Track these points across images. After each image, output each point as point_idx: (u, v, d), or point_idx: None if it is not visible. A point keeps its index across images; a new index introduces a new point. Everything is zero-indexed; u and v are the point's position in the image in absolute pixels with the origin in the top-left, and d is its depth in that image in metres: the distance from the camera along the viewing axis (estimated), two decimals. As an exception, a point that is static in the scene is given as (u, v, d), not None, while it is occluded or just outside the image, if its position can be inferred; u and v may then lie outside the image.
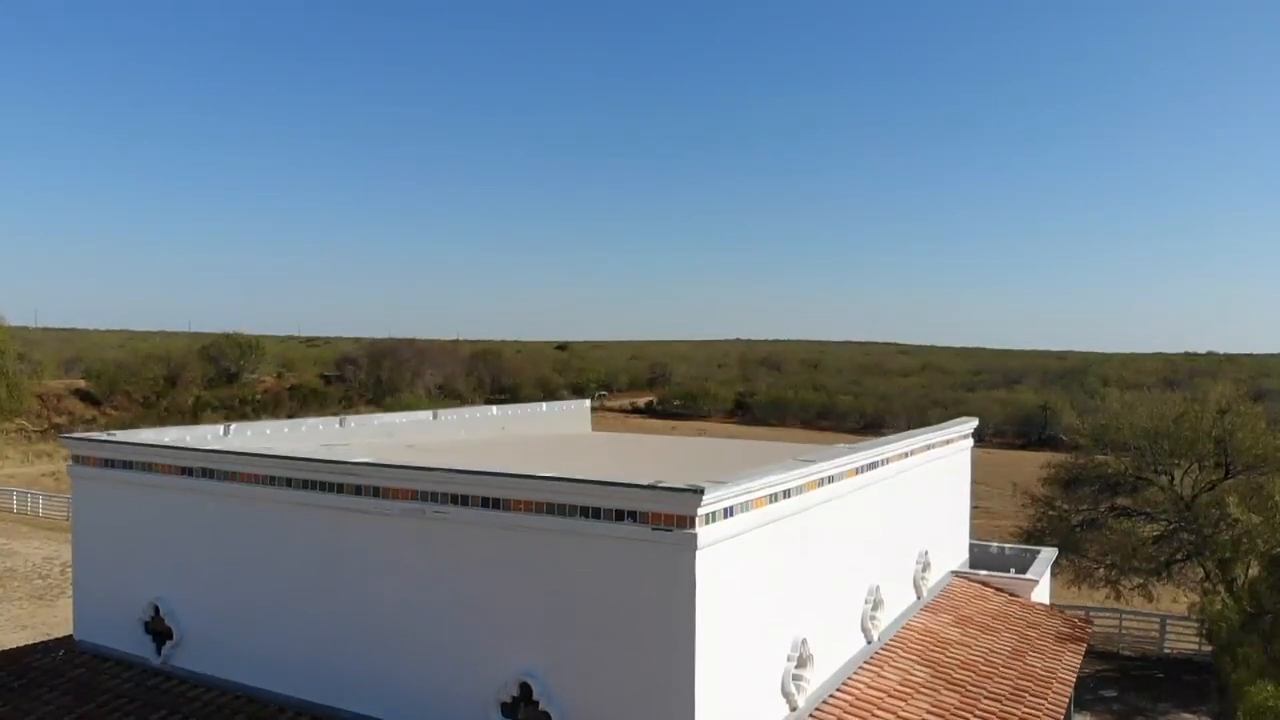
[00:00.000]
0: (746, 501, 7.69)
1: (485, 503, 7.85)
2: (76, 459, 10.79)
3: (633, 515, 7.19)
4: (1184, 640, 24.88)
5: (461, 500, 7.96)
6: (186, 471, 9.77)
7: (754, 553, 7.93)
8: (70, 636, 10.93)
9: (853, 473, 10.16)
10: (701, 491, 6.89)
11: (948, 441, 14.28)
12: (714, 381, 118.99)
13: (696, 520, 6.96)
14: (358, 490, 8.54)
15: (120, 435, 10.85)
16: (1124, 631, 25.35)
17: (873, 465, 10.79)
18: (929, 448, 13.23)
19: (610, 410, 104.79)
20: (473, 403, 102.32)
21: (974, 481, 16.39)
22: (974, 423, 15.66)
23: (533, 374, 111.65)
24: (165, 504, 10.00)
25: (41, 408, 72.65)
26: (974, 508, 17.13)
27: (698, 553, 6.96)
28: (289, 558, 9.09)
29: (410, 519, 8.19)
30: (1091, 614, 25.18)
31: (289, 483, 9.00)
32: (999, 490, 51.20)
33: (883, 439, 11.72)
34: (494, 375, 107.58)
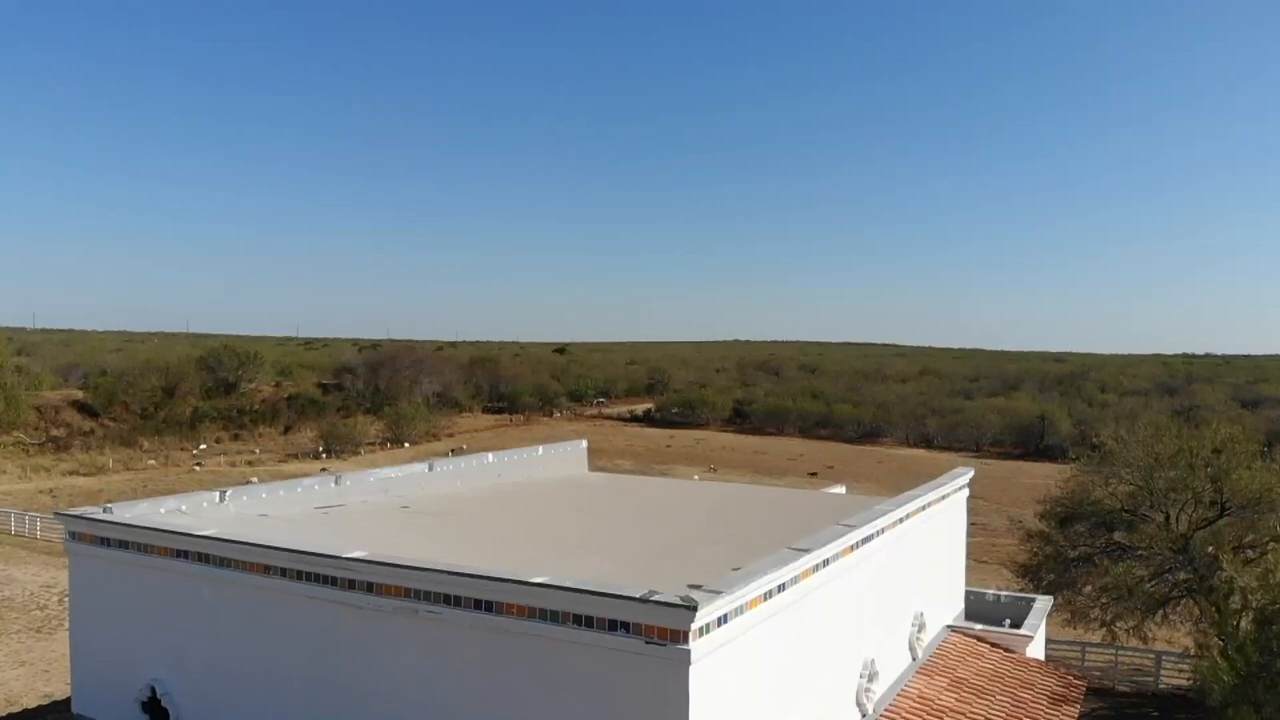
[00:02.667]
0: (741, 606, 7.70)
1: (478, 605, 7.86)
2: (73, 535, 10.79)
3: (626, 626, 7.20)
4: (1179, 677, 24.88)
5: (454, 601, 7.98)
6: (182, 555, 9.79)
7: (749, 653, 7.93)
8: (69, 707, 10.96)
9: (848, 551, 10.17)
10: (695, 608, 6.90)
11: (944, 497, 14.29)
12: (712, 388, 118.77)
13: (690, 635, 6.97)
14: (351, 585, 8.56)
15: (117, 511, 10.84)
16: (1119, 667, 25.42)
17: (868, 539, 10.79)
18: (925, 508, 13.23)
19: (608, 419, 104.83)
20: (471, 411, 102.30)
21: (972, 496, 16.40)
22: (970, 473, 15.68)
23: (531, 381, 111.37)
24: (161, 585, 10.00)
25: (39, 420, 72.57)
26: (971, 524, 17.15)
27: (691, 667, 6.98)
28: (284, 646, 9.10)
29: (403, 617, 8.21)
30: (1087, 649, 25.33)
31: (283, 573, 9.01)
32: (997, 506, 51.29)
33: (878, 508, 11.71)
34: (492, 383, 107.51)
